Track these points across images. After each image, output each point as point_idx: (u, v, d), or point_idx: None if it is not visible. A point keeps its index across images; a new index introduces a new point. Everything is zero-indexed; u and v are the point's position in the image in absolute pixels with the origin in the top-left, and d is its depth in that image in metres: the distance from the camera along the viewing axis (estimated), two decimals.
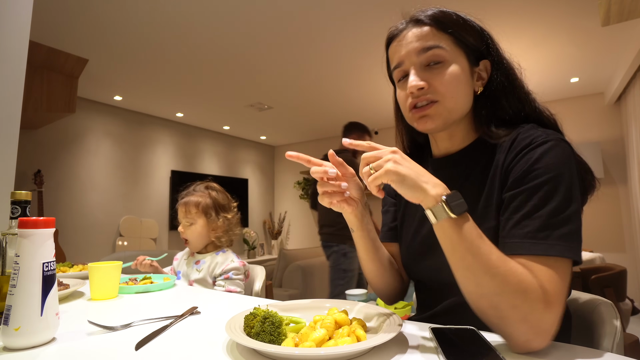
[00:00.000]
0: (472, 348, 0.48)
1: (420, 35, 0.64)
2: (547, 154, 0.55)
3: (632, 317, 2.44)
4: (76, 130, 3.89)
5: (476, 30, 0.67)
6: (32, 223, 0.55)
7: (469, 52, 0.66)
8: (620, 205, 3.87)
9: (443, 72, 0.63)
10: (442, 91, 0.63)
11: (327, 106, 4.38)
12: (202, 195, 1.24)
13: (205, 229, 1.22)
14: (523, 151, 0.58)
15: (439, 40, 0.63)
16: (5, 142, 1.37)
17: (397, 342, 0.53)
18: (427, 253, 0.71)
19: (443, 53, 0.63)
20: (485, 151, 0.66)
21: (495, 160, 0.63)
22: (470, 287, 0.51)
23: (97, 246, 3.96)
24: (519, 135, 0.61)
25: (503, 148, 0.62)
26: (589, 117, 4.10)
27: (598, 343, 0.57)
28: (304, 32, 2.69)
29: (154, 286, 1.01)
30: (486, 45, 0.67)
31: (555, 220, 0.51)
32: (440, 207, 0.50)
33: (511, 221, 0.54)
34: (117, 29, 2.59)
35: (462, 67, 0.64)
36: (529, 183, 0.54)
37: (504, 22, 2.55)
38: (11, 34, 1.41)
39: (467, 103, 0.66)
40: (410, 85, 0.63)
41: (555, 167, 0.54)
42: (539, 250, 0.50)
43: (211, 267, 1.20)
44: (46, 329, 0.55)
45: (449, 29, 0.64)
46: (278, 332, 0.50)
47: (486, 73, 0.67)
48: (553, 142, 0.56)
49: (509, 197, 0.56)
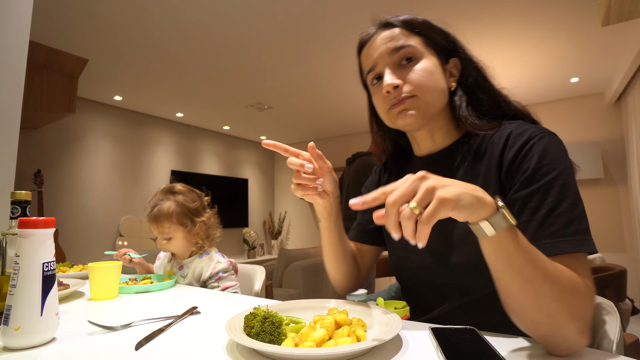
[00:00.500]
0: (472, 348, 0.48)
1: (390, 36, 0.66)
2: (549, 148, 0.56)
3: (632, 317, 2.44)
4: (76, 130, 3.89)
5: (442, 32, 0.69)
6: (32, 223, 0.55)
7: (439, 50, 0.68)
8: (620, 205, 3.87)
9: (417, 66, 0.64)
10: (418, 85, 0.63)
11: (327, 106, 4.38)
12: (170, 205, 1.13)
13: (187, 240, 1.15)
14: (524, 147, 0.58)
15: (409, 39, 0.66)
16: (5, 142, 1.37)
17: (397, 342, 0.53)
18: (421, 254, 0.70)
19: (414, 50, 0.65)
20: (471, 147, 0.66)
21: (487, 153, 0.63)
22: (528, 300, 0.45)
23: (97, 246, 3.96)
24: (513, 131, 0.61)
25: (495, 143, 0.62)
26: (589, 117, 4.10)
27: (598, 343, 0.57)
28: (304, 32, 2.69)
29: (154, 286, 1.01)
30: (453, 45, 0.69)
31: (576, 215, 0.51)
32: (501, 216, 0.42)
33: (534, 222, 0.53)
34: (117, 29, 2.59)
35: (433, 62, 0.66)
36: (541, 180, 0.54)
37: (504, 23, 2.55)
38: (11, 34, 1.41)
39: (442, 97, 0.67)
40: (386, 84, 0.64)
41: (560, 161, 0.54)
42: (572, 247, 0.49)
43: (196, 272, 1.15)
44: (46, 329, 0.55)
45: (416, 29, 0.66)
46: (278, 332, 0.50)
47: (457, 70, 0.69)
48: (548, 136, 0.57)
49: (524, 198, 0.55)
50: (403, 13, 0.69)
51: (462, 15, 2.43)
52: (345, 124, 5.21)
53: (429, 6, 2.32)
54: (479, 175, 0.63)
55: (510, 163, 0.59)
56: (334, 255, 0.76)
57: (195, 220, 1.15)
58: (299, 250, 3.76)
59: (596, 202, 3.95)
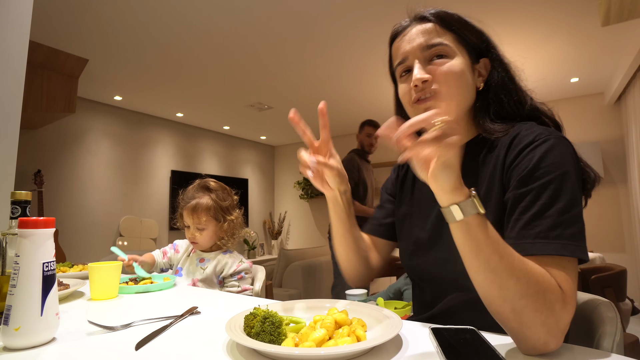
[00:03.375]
0: (472, 348, 0.48)
1: (424, 31, 0.66)
2: (551, 151, 0.55)
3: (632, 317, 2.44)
4: (76, 130, 3.89)
5: (476, 30, 0.69)
6: (32, 223, 0.55)
7: (470, 50, 0.67)
8: (620, 205, 3.87)
9: (446, 65, 0.64)
10: (445, 84, 0.63)
11: (330, 106, 4.35)
12: (207, 200, 1.21)
13: (215, 234, 1.22)
14: (526, 149, 0.58)
15: (443, 36, 0.65)
16: (5, 142, 1.37)
17: (397, 342, 0.53)
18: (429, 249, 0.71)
19: (446, 49, 0.64)
20: (484, 147, 0.66)
21: (495, 156, 0.63)
22: (493, 291, 0.47)
23: (97, 246, 3.96)
24: (521, 132, 0.61)
25: (503, 144, 0.63)
26: (589, 117, 4.10)
27: (598, 343, 0.57)
28: (304, 32, 2.69)
29: (154, 286, 1.01)
30: (486, 45, 0.69)
31: (565, 219, 0.51)
32: (471, 202, 0.46)
33: (521, 221, 0.53)
34: (117, 29, 2.59)
35: (464, 62, 0.65)
36: (536, 182, 0.54)
37: (505, 23, 2.55)
38: (11, 34, 1.41)
39: (469, 97, 0.67)
40: (415, 78, 0.64)
41: (560, 165, 0.54)
42: (552, 250, 0.49)
43: (218, 267, 1.19)
44: (46, 329, 0.55)
45: (452, 27, 0.66)
46: (278, 332, 0.50)
47: (485, 70, 0.69)
48: (555, 139, 0.56)
49: (516, 197, 0.56)
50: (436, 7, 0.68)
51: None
52: (345, 124, 5.21)
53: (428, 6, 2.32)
54: (487, 174, 0.64)
55: (510, 163, 0.59)
56: (342, 246, 0.78)
57: (226, 217, 1.22)
58: (299, 251, 3.76)
59: (596, 202, 3.94)
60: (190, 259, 1.24)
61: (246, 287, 1.17)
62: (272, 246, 6.07)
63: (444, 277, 0.68)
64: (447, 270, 0.67)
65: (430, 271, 0.72)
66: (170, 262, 1.30)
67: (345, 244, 0.77)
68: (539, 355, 0.47)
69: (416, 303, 0.79)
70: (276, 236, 6.10)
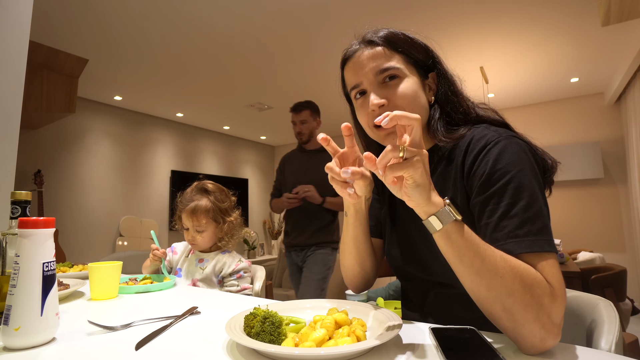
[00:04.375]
0: (472, 348, 0.48)
1: (374, 55, 0.67)
2: (504, 152, 0.58)
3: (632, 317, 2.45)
4: (76, 130, 3.89)
5: (422, 47, 0.71)
6: (32, 223, 0.55)
7: (419, 67, 0.70)
8: (620, 205, 3.87)
9: (399, 87, 0.66)
10: (402, 105, 0.65)
11: (327, 106, 4.38)
12: (206, 202, 1.21)
13: (215, 235, 1.22)
14: (481, 154, 0.60)
15: (392, 59, 0.67)
16: (5, 142, 1.37)
17: (397, 342, 0.53)
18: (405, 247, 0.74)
19: (397, 72, 0.66)
20: (442, 156, 0.69)
21: (455, 159, 0.66)
22: (482, 292, 0.50)
23: (97, 246, 3.96)
24: (474, 137, 0.64)
25: (459, 151, 0.65)
26: (589, 117, 4.10)
27: (598, 343, 0.57)
28: (304, 32, 2.69)
29: (154, 286, 1.01)
30: (432, 60, 0.71)
31: (530, 215, 0.53)
32: (447, 211, 0.49)
33: (490, 225, 0.55)
34: (117, 29, 2.59)
35: (415, 81, 0.68)
36: (495, 185, 0.56)
37: (505, 23, 2.55)
38: (11, 34, 1.41)
39: (425, 113, 0.69)
40: (371, 103, 0.65)
41: (515, 164, 0.56)
42: (524, 247, 0.51)
43: (217, 267, 1.19)
44: (46, 329, 0.55)
45: (399, 48, 0.68)
46: (278, 332, 0.51)
47: (435, 84, 0.72)
48: (505, 140, 0.59)
49: (481, 203, 0.58)
50: (384, 28, 0.70)
51: (462, 15, 2.43)
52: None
53: (428, 7, 2.32)
54: (450, 181, 0.66)
55: (469, 169, 0.62)
56: (351, 252, 0.77)
57: (225, 219, 1.23)
58: None
59: (596, 202, 3.95)
60: (189, 260, 1.24)
61: (245, 286, 1.17)
62: (272, 246, 6.07)
63: (422, 274, 0.71)
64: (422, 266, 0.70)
65: (408, 270, 0.74)
66: (170, 265, 1.31)
67: (358, 248, 0.76)
68: (539, 355, 0.47)
69: (404, 302, 0.81)
70: (276, 236, 6.09)
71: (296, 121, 2.28)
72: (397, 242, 0.77)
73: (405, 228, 0.75)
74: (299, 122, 2.26)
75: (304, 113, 2.28)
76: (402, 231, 0.76)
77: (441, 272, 0.66)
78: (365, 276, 0.81)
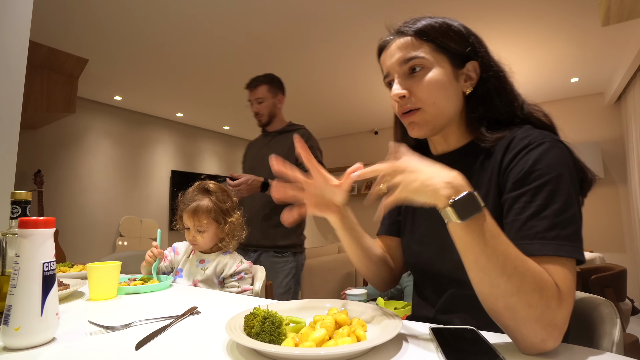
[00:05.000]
0: (472, 348, 0.48)
1: (401, 45, 0.67)
2: (546, 154, 0.56)
3: (632, 317, 2.44)
4: (76, 130, 3.89)
5: (458, 33, 0.67)
6: (32, 223, 0.55)
7: (452, 56, 0.67)
8: (620, 205, 3.87)
9: (424, 78, 0.65)
10: (423, 98, 0.65)
11: (327, 106, 4.38)
12: (208, 203, 1.21)
13: (216, 236, 1.22)
14: (521, 152, 0.59)
15: (419, 48, 0.66)
16: (5, 142, 1.37)
17: (397, 342, 0.53)
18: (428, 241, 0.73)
19: (423, 61, 0.65)
20: (481, 152, 0.67)
21: (491, 161, 0.64)
22: (484, 289, 0.49)
23: (97, 246, 3.96)
24: (517, 137, 0.62)
25: (500, 148, 0.63)
26: (589, 117, 4.10)
27: (598, 343, 0.57)
28: (303, 32, 2.69)
29: (152, 286, 1.01)
30: (471, 47, 0.67)
31: (561, 220, 0.52)
32: (449, 211, 0.48)
33: (517, 222, 0.54)
34: (117, 29, 2.59)
35: (444, 71, 0.66)
36: (531, 184, 0.55)
37: (505, 23, 2.55)
38: (11, 34, 1.41)
39: (453, 105, 0.67)
40: (392, 93, 0.67)
41: (555, 168, 0.55)
42: (550, 250, 0.50)
43: (218, 268, 1.19)
44: (46, 329, 0.55)
45: (428, 37, 0.66)
46: (278, 332, 0.50)
47: (475, 74, 0.68)
48: (550, 142, 0.58)
49: (512, 199, 0.57)
50: (421, 17, 0.69)
51: (462, 14, 2.42)
52: (345, 124, 5.22)
53: (428, 7, 2.32)
54: (486, 177, 0.64)
55: (507, 166, 0.60)
56: (357, 258, 0.78)
57: (226, 219, 1.22)
58: None
59: (596, 202, 3.94)
60: (191, 261, 1.24)
61: (246, 287, 1.17)
62: None
63: (443, 270, 0.69)
64: (445, 261, 0.68)
65: (429, 264, 0.73)
66: (171, 265, 1.31)
67: (359, 254, 0.77)
68: (539, 355, 0.47)
69: (417, 300, 0.80)
70: None
71: (252, 100, 1.93)
72: (419, 237, 0.75)
73: (428, 224, 0.74)
74: (255, 101, 1.92)
75: (260, 89, 1.92)
76: (425, 227, 0.75)
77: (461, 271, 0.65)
78: (387, 270, 0.82)
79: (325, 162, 1.95)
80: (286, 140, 1.87)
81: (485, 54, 0.69)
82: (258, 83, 1.91)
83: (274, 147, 1.87)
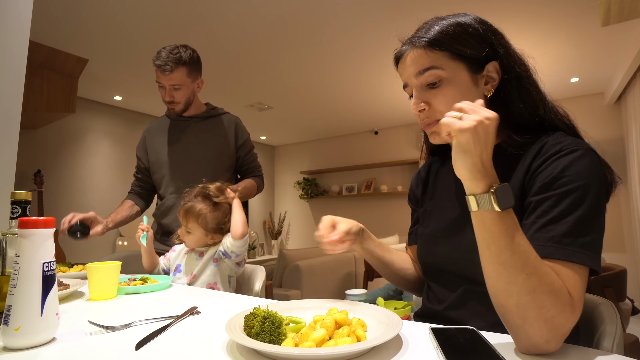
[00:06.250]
0: (472, 348, 0.48)
1: (415, 58, 0.67)
2: (577, 162, 0.55)
3: (632, 317, 2.44)
4: (76, 130, 3.89)
5: (474, 35, 0.65)
6: (32, 223, 0.55)
7: (469, 62, 0.65)
8: (620, 205, 3.87)
9: (441, 90, 0.65)
10: (443, 110, 0.64)
11: (327, 106, 4.38)
12: (201, 209, 1.19)
13: (203, 239, 1.22)
14: (552, 157, 0.58)
15: (434, 60, 0.65)
16: (5, 142, 1.37)
17: (397, 342, 0.53)
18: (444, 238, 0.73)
19: (439, 72, 0.64)
20: (508, 155, 0.65)
21: (520, 164, 0.63)
22: (500, 284, 0.48)
23: (97, 246, 3.96)
24: (549, 142, 0.61)
25: (530, 153, 0.62)
26: (589, 117, 4.10)
27: (598, 343, 0.57)
28: (304, 32, 2.68)
29: (152, 286, 1.01)
30: (490, 47, 0.65)
31: (581, 228, 0.51)
32: (487, 197, 0.48)
33: (536, 224, 0.54)
34: (117, 29, 2.59)
35: (462, 80, 0.65)
36: (558, 189, 0.54)
37: (504, 22, 2.55)
38: (11, 34, 1.41)
39: None
40: (412, 108, 0.68)
41: (585, 176, 0.54)
42: (563, 255, 0.50)
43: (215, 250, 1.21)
44: (46, 329, 0.55)
45: (442, 47, 0.64)
46: (278, 332, 0.50)
47: (497, 74, 0.66)
48: (583, 151, 0.57)
49: (536, 202, 0.56)
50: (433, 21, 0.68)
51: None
52: (345, 124, 5.21)
53: (428, 6, 2.32)
54: (513, 178, 0.63)
55: (535, 169, 0.59)
56: (383, 273, 0.87)
57: (217, 232, 1.22)
58: (299, 251, 3.76)
59: None
60: (189, 256, 1.25)
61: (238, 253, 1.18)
62: (272, 246, 6.07)
63: (457, 267, 0.69)
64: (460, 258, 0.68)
65: (444, 260, 0.72)
66: (169, 263, 1.31)
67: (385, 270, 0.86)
68: (539, 355, 0.47)
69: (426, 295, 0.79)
70: (276, 236, 6.10)
71: (165, 85, 1.48)
72: (431, 236, 0.77)
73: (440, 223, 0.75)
74: (171, 87, 1.48)
75: (177, 74, 1.47)
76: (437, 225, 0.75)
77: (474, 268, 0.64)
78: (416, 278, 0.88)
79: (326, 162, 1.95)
80: (217, 127, 1.59)
81: (506, 53, 0.66)
82: (174, 65, 1.47)
83: (202, 135, 1.56)
